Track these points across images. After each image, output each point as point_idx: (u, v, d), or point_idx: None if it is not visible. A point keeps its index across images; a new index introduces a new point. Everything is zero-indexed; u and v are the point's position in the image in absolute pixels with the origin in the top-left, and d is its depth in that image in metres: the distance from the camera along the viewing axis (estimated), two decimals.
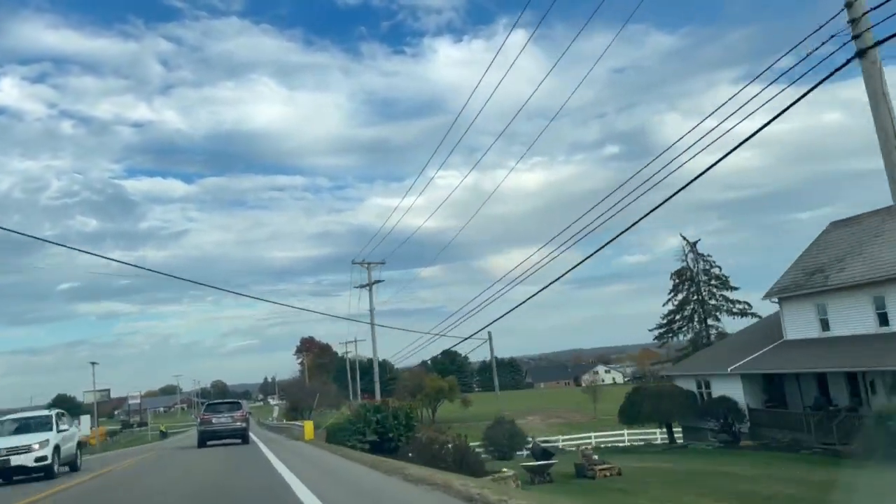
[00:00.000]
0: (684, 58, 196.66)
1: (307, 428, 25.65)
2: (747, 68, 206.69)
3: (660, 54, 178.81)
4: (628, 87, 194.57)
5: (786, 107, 9.19)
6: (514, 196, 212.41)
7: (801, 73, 8.92)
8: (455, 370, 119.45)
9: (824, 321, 29.96)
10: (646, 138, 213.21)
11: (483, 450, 28.91)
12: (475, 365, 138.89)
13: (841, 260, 29.84)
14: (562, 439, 42.76)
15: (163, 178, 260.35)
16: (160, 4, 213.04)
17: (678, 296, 47.45)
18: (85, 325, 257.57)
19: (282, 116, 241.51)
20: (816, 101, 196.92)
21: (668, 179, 12.23)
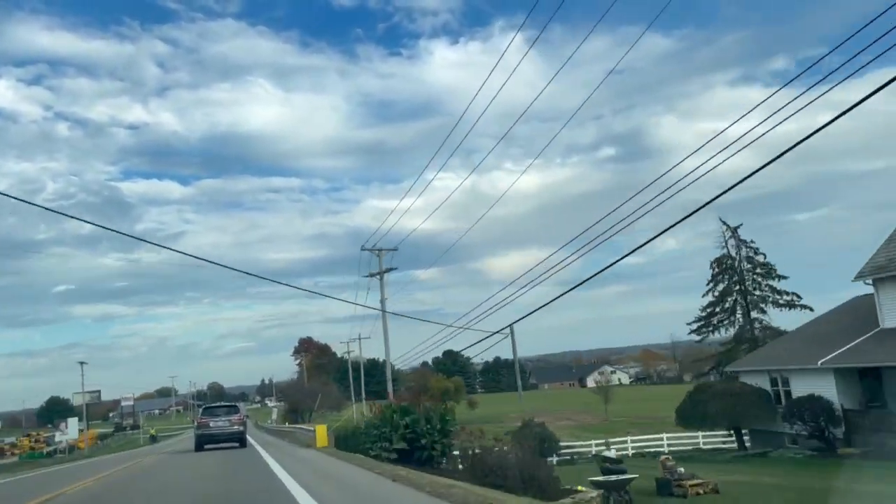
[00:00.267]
0: (680, 60, 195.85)
1: (320, 433, 21.57)
2: (742, 70, 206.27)
3: (655, 57, 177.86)
4: (624, 90, 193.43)
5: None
6: (511, 198, 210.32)
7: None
8: (457, 371, 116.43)
9: None
10: (642, 140, 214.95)
11: None
12: (478, 366, 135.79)
13: None
14: (594, 444, 39.49)
15: (159, 180, 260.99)
16: (156, 6, 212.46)
17: (718, 286, 43.69)
18: (80, 327, 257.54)
19: (278, 118, 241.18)
20: (813, 102, 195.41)
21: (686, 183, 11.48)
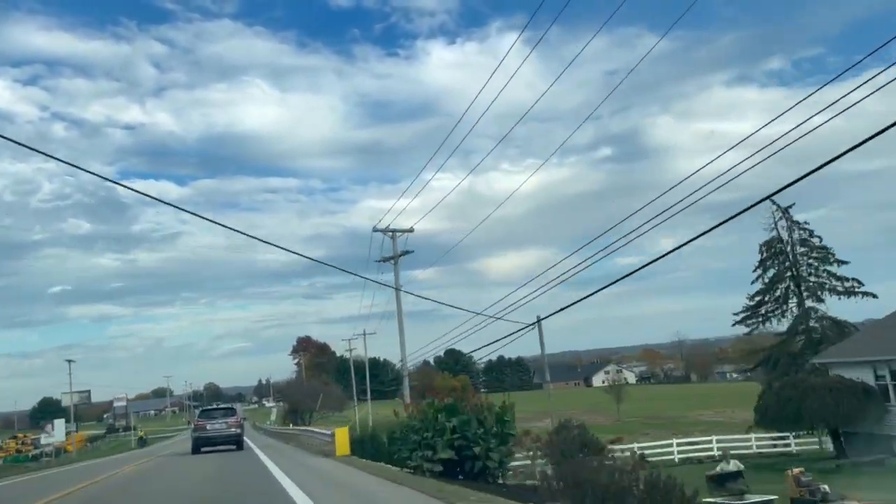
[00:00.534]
0: (676, 60, 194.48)
1: (341, 439, 17.14)
2: (739, 71, 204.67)
3: (652, 57, 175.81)
4: (622, 90, 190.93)
5: None
6: (506, 196, 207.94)
7: None
8: (460, 370, 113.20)
9: None
10: (638, 140, 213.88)
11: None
12: (481, 365, 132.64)
13: None
14: (637, 447, 36.02)
15: (155, 180, 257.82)
16: (152, 6, 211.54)
17: (768, 272, 40.13)
18: (77, 327, 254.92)
19: (275, 118, 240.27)
20: (810, 102, 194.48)
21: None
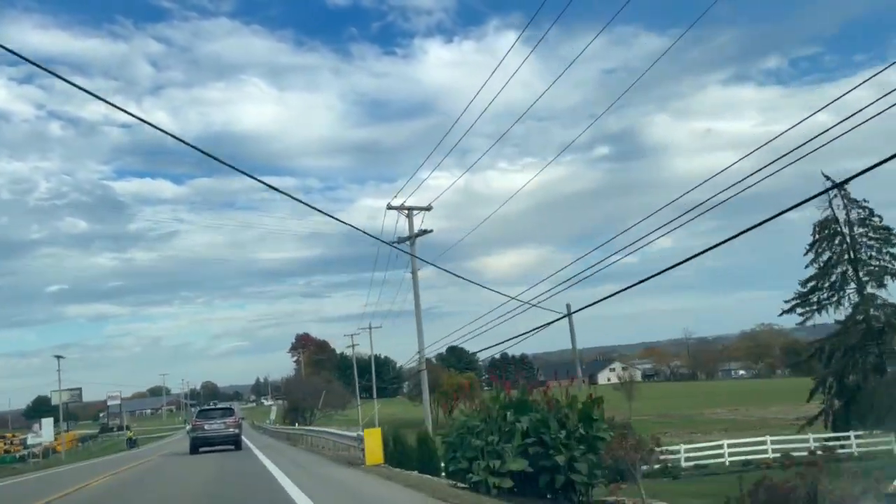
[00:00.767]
0: (673, 59, 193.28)
1: (373, 444, 13.05)
2: (735, 70, 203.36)
3: (649, 55, 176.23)
4: (619, 88, 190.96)
5: None
6: (505, 197, 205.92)
7: None
8: (463, 368, 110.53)
9: None
10: (635, 139, 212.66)
11: None
12: (484, 363, 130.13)
13: None
14: (684, 448, 33.04)
15: (152, 179, 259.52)
16: (149, 5, 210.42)
17: (822, 256, 36.77)
18: (74, 327, 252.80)
19: (272, 117, 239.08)
20: (806, 100, 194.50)
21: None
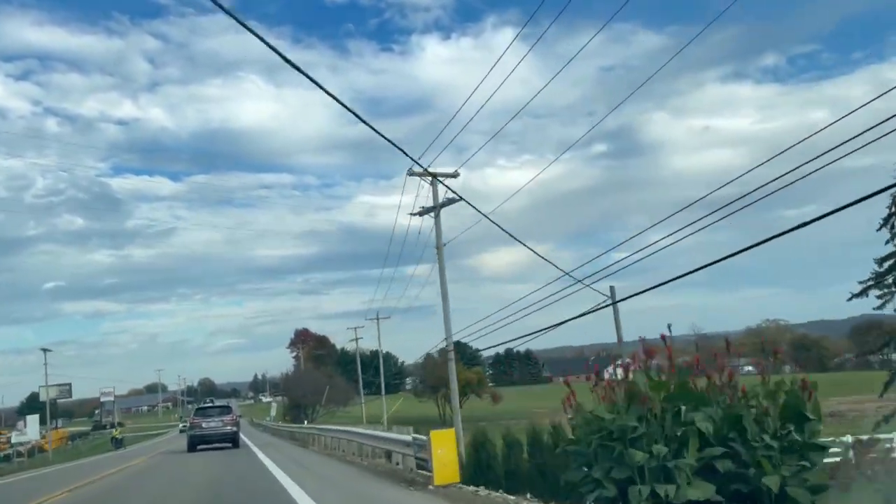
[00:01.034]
0: (671, 57, 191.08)
1: (444, 450, 9.12)
2: (733, 67, 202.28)
3: (647, 53, 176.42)
4: (617, 86, 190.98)
5: None
6: (503, 195, 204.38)
7: None
8: (466, 364, 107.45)
9: None
10: (633, 137, 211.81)
11: None
12: (488, 359, 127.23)
13: None
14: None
15: (149, 176, 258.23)
16: (146, 1, 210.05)
17: None
18: (71, 324, 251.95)
19: (269, 114, 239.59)
20: (804, 98, 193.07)
21: None
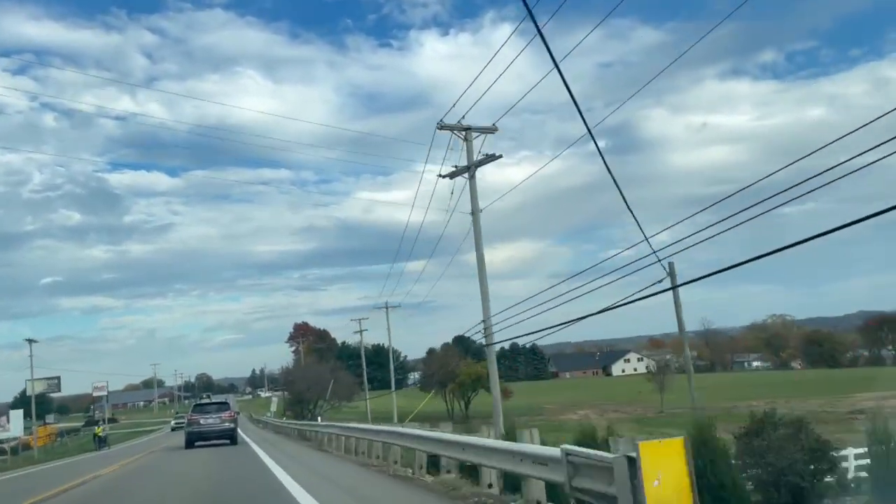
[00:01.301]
0: (670, 53, 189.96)
1: (672, 474, 4.24)
2: (732, 64, 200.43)
3: (646, 49, 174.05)
4: (615, 82, 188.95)
5: None
6: (501, 191, 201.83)
7: None
8: (473, 358, 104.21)
9: None
10: (632, 133, 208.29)
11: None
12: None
13: None
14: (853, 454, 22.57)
15: (147, 171, 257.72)
16: None
17: None
18: (69, 319, 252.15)
19: (267, 110, 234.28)
20: (802, 95, 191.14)
21: None
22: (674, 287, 19.55)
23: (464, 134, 18.72)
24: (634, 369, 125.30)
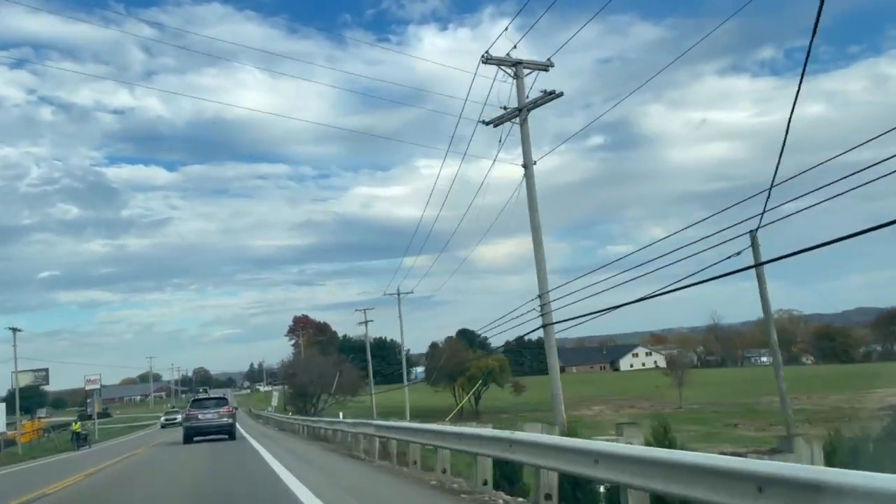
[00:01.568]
0: (669, 49, 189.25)
1: None
2: (731, 60, 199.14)
3: (645, 45, 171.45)
4: (614, 78, 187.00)
5: None
6: (499, 187, 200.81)
7: None
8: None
9: None
10: (631, 129, 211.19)
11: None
12: (499, 348, 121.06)
13: None
14: None
15: (144, 165, 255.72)
16: None
17: None
18: (66, 313, 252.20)
19: (265, 104, 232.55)
20: (801, 92, 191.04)
21: None
22: (757, 265, 16.40)
23: (513, 70, 15.49)
24: (643, 364, 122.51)
